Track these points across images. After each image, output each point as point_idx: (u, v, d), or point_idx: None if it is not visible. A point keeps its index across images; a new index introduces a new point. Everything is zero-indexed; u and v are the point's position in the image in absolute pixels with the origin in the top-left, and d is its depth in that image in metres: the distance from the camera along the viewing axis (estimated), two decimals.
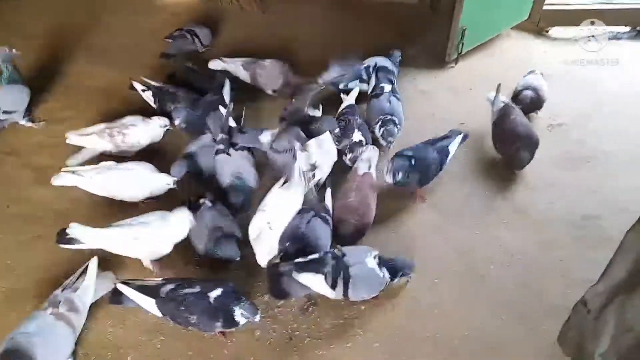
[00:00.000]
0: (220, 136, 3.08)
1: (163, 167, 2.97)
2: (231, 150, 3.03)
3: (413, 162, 2.88)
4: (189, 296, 2.28)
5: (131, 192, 2.88)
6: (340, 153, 3.23)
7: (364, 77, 3.76)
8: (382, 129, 3.26)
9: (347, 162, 3.16)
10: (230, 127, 3.15)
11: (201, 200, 2.77)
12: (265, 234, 2.62)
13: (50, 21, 4.53)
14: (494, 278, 2.73)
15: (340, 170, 3.16)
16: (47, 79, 3.90)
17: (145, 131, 3.19)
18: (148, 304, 2.32)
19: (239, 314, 2.25)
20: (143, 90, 3.46)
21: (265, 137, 3.12)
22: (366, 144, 3.21)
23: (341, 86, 3.71)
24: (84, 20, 4.56)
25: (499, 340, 2.46)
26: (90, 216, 2.87)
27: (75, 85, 3.87)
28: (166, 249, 2.59)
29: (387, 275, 2.42)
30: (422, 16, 4.89)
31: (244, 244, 2.66)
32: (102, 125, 3.15)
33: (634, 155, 3.46)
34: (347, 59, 3.67)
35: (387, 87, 3.50)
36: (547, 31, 4.82)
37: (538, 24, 4.79)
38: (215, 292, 2.28)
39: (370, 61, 3.80)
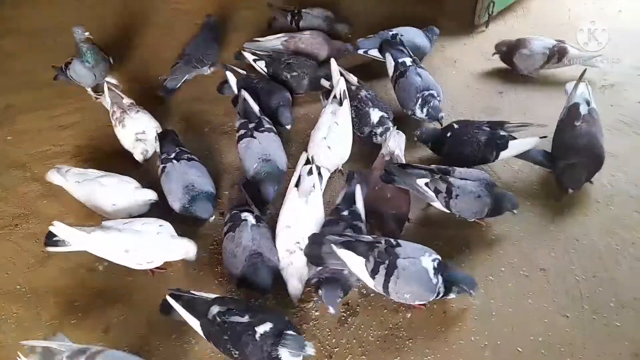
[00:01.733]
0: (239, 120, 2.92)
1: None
2: (256, 133, 2.81)
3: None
4: (235, 326, 2.00)
5: (107, 209, 2.64)
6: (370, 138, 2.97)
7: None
8: (425, 109, 2.96)
9: (381, 142, 2.90)
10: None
11: (243, 215, 2.47)
12: (298, 260, 2.33)
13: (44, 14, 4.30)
14: (555, 270, 2.38)
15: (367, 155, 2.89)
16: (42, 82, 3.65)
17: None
18: (194, 323, 2.10)
19: (286, 355, 1.94)
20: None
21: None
22: (388, 117, 2.96)
23: (361, 52, 3.46)
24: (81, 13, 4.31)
25: (569, 342, 2.13)
26: None
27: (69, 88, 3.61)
28: (155, 264, 2.39)
29: (441, 283, 2.09)
30: None
31: None
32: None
33: None
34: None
35: (408, 61, 3.14)
36: None
37: None
38: (263, 327, 1.98)
39: (400, 30, 3.47)
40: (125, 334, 2.30)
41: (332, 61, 3.10)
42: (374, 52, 3.39)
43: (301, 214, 2.43)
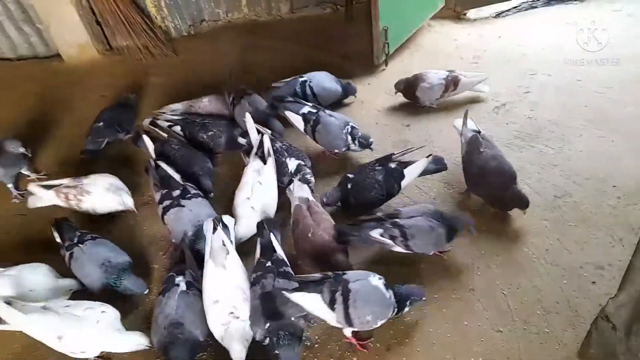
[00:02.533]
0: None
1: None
2: (183, 201, 2.79)
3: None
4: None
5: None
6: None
7: (298, 91, 3.62)
8: (356, 141, 3.17)
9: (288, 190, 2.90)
10: None
11: (177, 279, 2.40)
12: (235, 325, 2.25)
13: None
14: (482, 288, 2.50)
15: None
16: None
17: (102, 200, 2.93)
18: None
19: None
20: (170, 126, 3.46)
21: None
22: (304, 164, 3.05)
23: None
24: None
25: (507, 356, 2.22)
26: None
27: None
28: (90, 355, 2.28)
29: (393, 299, 2.14)
30: (337, 27, 4.84)
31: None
32: (64, 181, 2.98)
33: (579, 121, 3.43)
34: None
35: (311, 109, 3.31)
36: (465, 14, 4.83)
37: (455, 9, 4.82)
38: None
39: (310, 75, 3.69)
40: None
41: (248, 116, 3.14)
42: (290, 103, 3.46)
43: (223, 282, 2.36)
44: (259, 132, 3.12)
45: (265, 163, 2.91)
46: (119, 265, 2.55)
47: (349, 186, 2.86)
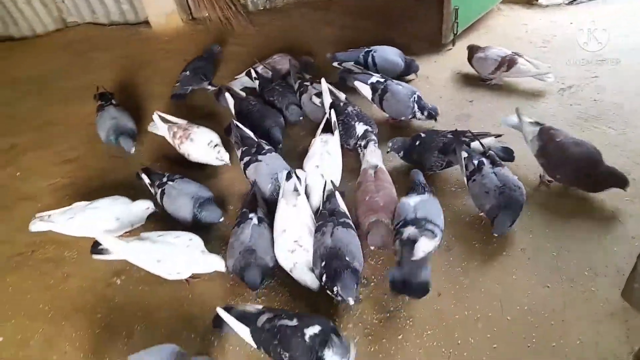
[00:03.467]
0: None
1: None
2: (260, 157, 3.06)
3: None
4: (284, 329, 2.10)
5: (109, 227, 2.78)
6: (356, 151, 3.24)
7: (361, 58, 3.85)
8: (425, 111, 3.36)
9: (361, 153, 3.16)
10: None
11: (250, 215, 2.69)
12: (301, 256, 2.53)
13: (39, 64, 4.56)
14: (533, 249, 2.64)
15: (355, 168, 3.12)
16: (44, 123, 3.90)
17: (198, 150, 3.25)
18: (243, 332, 2.20)
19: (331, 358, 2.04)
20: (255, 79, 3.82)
21: None
22: (371, 130, 3.22)
23: (335, 63, 3.90)
24: (75, 59, 4.58)
25: (552, 308, 2.37)
26: None
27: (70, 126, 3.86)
28: (183, 275, 2.57)
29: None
30: (407, 6, 4.96)
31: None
32: (180, 122, 3.41)
33: None
34: None
35: (380, 78, 3.51)
36: (537, 0, 4.83)
37: None
38: (312, 329, 2.08)
39: (376, 47, 3.88)
40: (149, 340, 2.44)
41: (323, 81, 3.40)
42: (349, 65, 3.76)
43: (293, 218, 2.66)
44: (330, 92, 3.38)
45: (332, 134, 3.13)
46: (205, 198, 2.88)
47: (417, 143, 3.06)
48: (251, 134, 3.23)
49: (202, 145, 3.23)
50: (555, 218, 2.79)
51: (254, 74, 3.85)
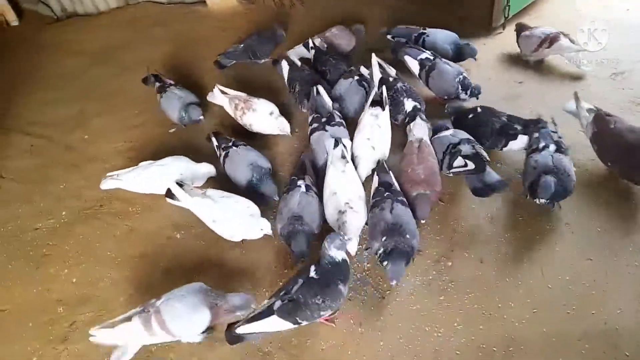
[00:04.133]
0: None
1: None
2: (328, 127, 3.17)
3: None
4: (299, 290, 2.23)
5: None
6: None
7: (413, 38, 3.92)
8: (468, 91, 3.41)
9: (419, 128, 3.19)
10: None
11: (299, 182, 2.82)
12: (351, 217, 2.66)
13: (103, 38, 4.83)
14: (578, 224, 2.70)
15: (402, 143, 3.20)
16: (110, 91, 4.17)
17: (260, 121, 3.41)
18: (271, 323, 2.23)
19: (334, 250, 2.23)
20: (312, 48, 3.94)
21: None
22: (419, 107, 3.30)
23: (389, 36, 4.03)
24: (136, 34, 4.82)
25: (593, 279, 2.43)
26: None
27: (133, 94, 4.10)
28: (235, 238, 2.76)
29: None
30: None
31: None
32: (240, 94, 3.55)
33: None
34: None
35: (429, 55, 3.58)
36: None
37: None
38: (312, 269, 2.28)
39: (429, 30, 3.91)
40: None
41: (373, 55, 3.50)
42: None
43: (342, 180, 2.80)
44: (380, 67, 3.50)
45: (383, 109, 3.19)
46: (263, 168, 3.03)
47: (470, 115, 3.14)
48: (329, 103, 3.34)
49: (264, 115, 3.37)
50: (601, 198, 2.84)
51: (311, 44, 3.97)
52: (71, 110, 4.03)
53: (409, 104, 3.32)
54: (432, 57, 3.56)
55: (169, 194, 2.82)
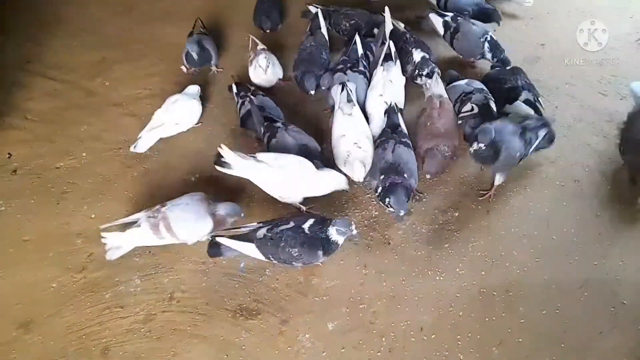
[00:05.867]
0: None
1: None
2: (349, 72, 3.21)
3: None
4: (285, 232, 2.31)
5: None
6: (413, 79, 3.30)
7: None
8: (493, 51, 3.33)
9: (423, 83, 3.22)
10: None
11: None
12: (356, 153, 2.71)
13: None
14: (589, 181, 2.70)
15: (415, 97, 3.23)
16: (131, 40, 4.22)
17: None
18: (248, 248, 2.36)
19: (334, 232, 2.28)
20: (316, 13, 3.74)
21: None
22: (429, 57, 3.26)
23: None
24: None
25: (599, 232, 2.46)
26: None
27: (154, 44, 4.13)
28: (294, 200, 2.69)
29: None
30: None
31: None
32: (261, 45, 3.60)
33: None
34: None
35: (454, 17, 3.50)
36: None
37: None
38: (308, 222, 2.33)
39: None
40: None
41: (386, 8, 3.46)
42: None
43: (350, 124, 2.84)
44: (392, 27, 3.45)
45: (394, 63, 3.18)
46: (274, 116, 3.07)
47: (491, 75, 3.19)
48: (360, 52, 3.31)
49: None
50: (613, 158, 2.82)
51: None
52: (94, 57, 4.09)
53: (417, 55, 3.29)
54: (459, 19, 3.46)
55: (219, 160, 2.68)
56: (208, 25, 4.10)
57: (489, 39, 3.35)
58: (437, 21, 3.54)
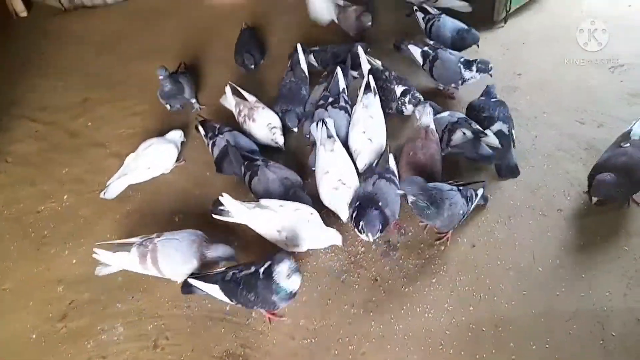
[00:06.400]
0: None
1: None
2: (329, 108, 3.22)
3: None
4: (245, 277, 2.30)
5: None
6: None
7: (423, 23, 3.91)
8: (473, 67, 3.35)
9: (410, 112, 3.27)
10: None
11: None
12: (344, 192, 2.72)
13: (109, 29, 4.91)
14: (571, 209, 2.73)
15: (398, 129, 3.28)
16: (114, 80, 4.23)
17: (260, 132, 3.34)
18: (214, 290, 2.35)
19: (282, 276, 2.20)
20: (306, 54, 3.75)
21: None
22: (410, 90, 3.30)
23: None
24: (142, 24, 4.88)
25: (585, 264, 2.46)
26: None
27: (136, 84, 4.15)
28: (302, 249, 2.61)
29: None
30: None
31: None
32: (250, 99, 3.50)
33: None
34: None
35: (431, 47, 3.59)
36: None
37: None
38: (263, 266, 2.27)
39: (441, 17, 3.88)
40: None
41: (360, 49, 3.50)
42: (420, 17, 3.92)
43: (332, 160, 2.85)
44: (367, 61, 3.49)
45: (374, 96, 3.20)
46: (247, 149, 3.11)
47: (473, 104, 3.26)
48: (342, 86, 3.33)
49: (262, 126, 3.28)
50: None
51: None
52: (77, 97, 4.09)
53: (399, 90, 3.33)
54: (436, 47, 3.55)
55: (216, 209, 2.70)
56: (188, 61, 4.15)
57: (463, 61, 3.39)
58: (415, 51, 3.61)
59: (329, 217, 2.77)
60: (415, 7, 4.00)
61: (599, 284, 2.38)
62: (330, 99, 3.26)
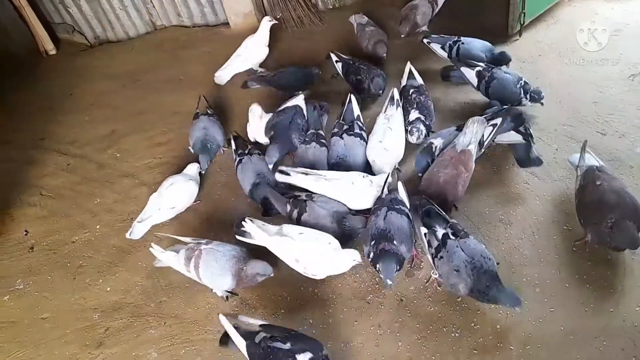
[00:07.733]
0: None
1: None
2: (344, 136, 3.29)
3: None
4: (276, 351, 2.18)
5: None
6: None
7: (446, 46, 3.92)
8: (528, 95, 3.37)
9: (415, 142, 3.29)
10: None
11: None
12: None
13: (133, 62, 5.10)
14: None
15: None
16: (138, 111, 4.39)
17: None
18: (241, 344, 2.29)
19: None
20: (336, 62, 3.99)
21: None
22: (423, 119, 3.29)
23: (425, 41, 4.06)
24: (164, 56, 5.06)
25: (614, 278, 2.44)
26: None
27: (160, 114, 4.31)
28: (319, 277, 2.64)
29: None
30: None
31: None
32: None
33: None
34: None
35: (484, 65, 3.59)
36: None
37: None
38: (303, 357, 2.16)
39: (466, 39, 3.92)
40: None
41: (408, 63, 3.68)
42: (436, 47, 3.95)
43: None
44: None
45: (396, 108, 3.28)
46: (269, 180, 3.17)
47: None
48: (356, 113, 3.41)
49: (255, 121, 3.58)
50: None
51: (335, 58, 4.02)
52: (104, 130, 4.27)
53: (412, 115, 3.34)
54: (490, 67, 3.53)
55: (239, 230, 2.78)
56: (206, 91, 4.25)
57: (523, 84, 3.39)
58: (469, 73, 3.57)
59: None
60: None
61: (628, 298, 2.36)
62: (345, 127, 3.30)
